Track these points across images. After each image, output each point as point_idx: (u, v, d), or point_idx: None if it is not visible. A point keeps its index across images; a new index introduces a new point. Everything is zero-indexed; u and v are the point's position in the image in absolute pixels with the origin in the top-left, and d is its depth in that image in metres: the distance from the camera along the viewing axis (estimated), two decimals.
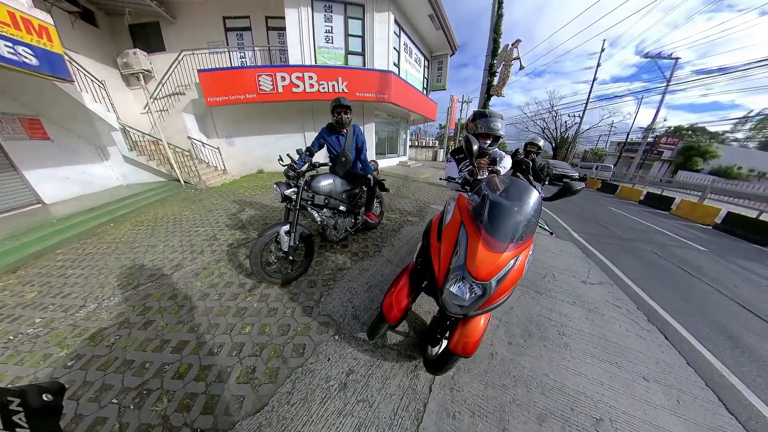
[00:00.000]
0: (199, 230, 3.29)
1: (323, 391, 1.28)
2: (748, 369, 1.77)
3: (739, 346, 2.03)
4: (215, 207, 4.30)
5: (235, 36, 7.12)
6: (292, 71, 5.97)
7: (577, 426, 1.24)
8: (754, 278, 3.39)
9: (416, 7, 7.46)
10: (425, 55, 10.46)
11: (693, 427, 1.31)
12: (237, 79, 5.84)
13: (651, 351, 1.82)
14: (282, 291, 2.03)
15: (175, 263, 2.44)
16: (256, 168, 7.72)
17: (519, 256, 0.97)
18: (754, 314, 2.49)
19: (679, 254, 3.98)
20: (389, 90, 6.88)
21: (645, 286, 2.79)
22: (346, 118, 2.36)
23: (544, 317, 2.02)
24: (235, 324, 1.68)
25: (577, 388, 1.44)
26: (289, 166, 2.14)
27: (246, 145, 7.44)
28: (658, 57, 13.42)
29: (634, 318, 2.19)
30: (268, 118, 7.21)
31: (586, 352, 1.72)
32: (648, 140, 15.78)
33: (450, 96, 17.38)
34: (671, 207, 7.48)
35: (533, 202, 1.04)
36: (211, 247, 2.80)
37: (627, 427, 1.27)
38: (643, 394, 1.46)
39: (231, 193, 5.30)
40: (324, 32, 6.45)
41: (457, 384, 1.38)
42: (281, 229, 1.92)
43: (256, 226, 3.42)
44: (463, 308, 0.98)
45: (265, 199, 4.78)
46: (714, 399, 1.50)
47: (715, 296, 2.78)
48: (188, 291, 2.01)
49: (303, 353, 1.48)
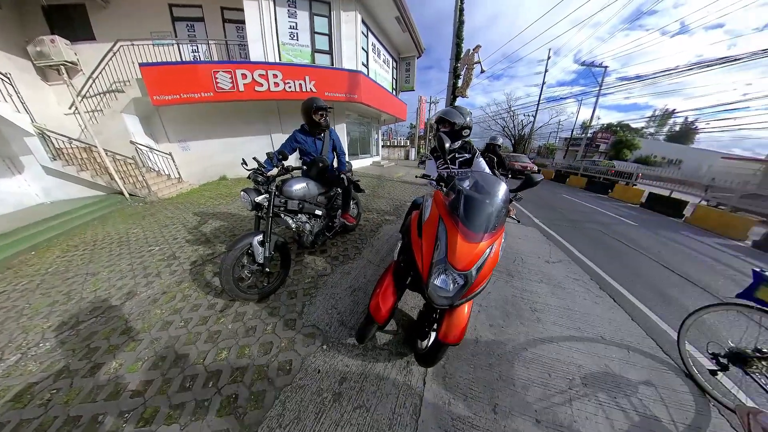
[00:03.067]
0: (153, 249, 2.88)
1: (317, 405, 1.23)
2: (673, 316, 2.20)
3: (666, 299, 2.50)
4: (171, 221, 3.82)
5: (185, 27, 6.37)
6: (254, 68, 5.55)
7: (555, 388, 1.41)
8: (671, 244, 4.27)
9: (383, 9, 7.50)
10: (393, 57, 10.59)
11: (641, 371, 1.59)
12: (190, 76, 5.23)
13: (604, 313, 2.14)
14: (259, 307, 1.88)
15: (126, 291, 2.10)
16: (217, 174, 7.04)
17: (494, 245, 1.05)
18: (673, 272, 3.12)
19: (617, 229, 4.76)
20: (359, 90, 6.81)
21: (594, 259, 3.28)
22: (326, 120, 2.27)
23: (517, 297, 2.22)
24: (207, 351, 1.51)
25: (552, 355, 1.63)
26: (255, 170, 1.98)
27: (204, 149, 6.72)
28: (591, 65, 15.45)
29: (589, 287, 2.53)
30: (229, 119, 6.62)
31: (555, 322, 1.94)
32: (587, 136, 18.17)
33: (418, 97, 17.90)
34: (609, 191, 8.86)
35: (502, 193, 1.13)
36: (169, 267, 2.48)
37: (593, 381, 1.48)
38: (603, 352, 1.71)
39: (190, 203, 4.76)
40: (288, 28, 6.12)
41: (448, 372, 1.44)
42: (254, 239, 1.77)
43: (224, 238, 3.12)
44: (448, 299, 1.02)
45: (231, 208, 4.39)
46: (653, 345, 1.83)
47: (645, 261, 3.40)
48: (146, 322, 1.74)
49: (290, 370, 1.40)
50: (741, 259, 3.92)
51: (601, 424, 1.24)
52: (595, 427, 1.23)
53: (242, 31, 6.01)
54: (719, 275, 3.19)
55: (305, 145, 2.34)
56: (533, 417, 1.25)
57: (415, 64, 11.27)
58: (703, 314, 1.51)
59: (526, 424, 1.21)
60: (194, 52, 6.31)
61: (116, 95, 5.27)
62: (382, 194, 5.72)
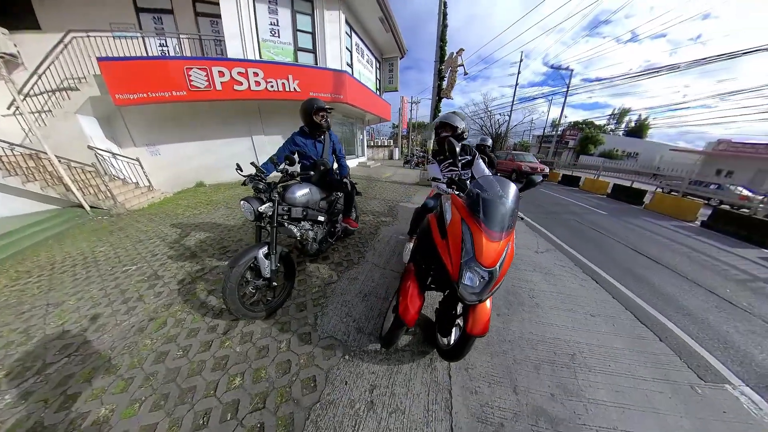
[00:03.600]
0: (130, 269, 2.55)
1: (351, 417, 1.19)
2: (643, 291, 2.59)
3: (637, 277, 2.90)
4: (146, 235, 3.42)
5: (150, 19, 5.77)
6: (233, 66, 5.18)
7: (562, 365, 1.58)
8: (636, 228, 4.85)
9: (366, 9, 7.44)
10: (376, 57, 10.54)
11: (626, 339, 1.88)
12: (159, 73, 4.74)
13: (590, 294, 2.43)
14: (267, 324, 1.74)
15: (102, 322, 1.81)
16: (193, 181, 6.47)
17: (510, 242, 1.14)
18: (639, 253, 3.60)
19: (590, 219, 5.28)
20: (344, 90, 6.68)
21: (575, 246, 3.63)
22: (327, 122, 2.17)
23: (516, 287, 2.40)
24: (218, 380, 1.35)
25: (553, 335, 1.82)
26: (254, 176, 1.83)
27: (178, 153, 6.14)
28: (558, 68, 16.62)
29: (574, 272, 2.82)
30: (205, 120, 6.12)
31: (552, 306, 2.16)
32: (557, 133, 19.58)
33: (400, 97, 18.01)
34: (579, 184, 9.75)
35: (513, 195, 1.22)
36: (153, 289, 2.19)
37: (590, 353, 1.70)
38: (593, 326, 1.97)
39: (165, 214, 4.31)
40: (269, 24, 5.80)
41: (469, 364, 1.52)
42: (258, 252, 1.63)
43: (212, 252, 2.85)
44: (477, 295, 1.09)
45: (214, 217, 4.05)
46: (631, 316, 2.15)
47: (617, 245, 3.86)
48: (135, 355, 1.51)
49: (315, 386, 1.32)
50: (692, 238, 4.58)
51: (602, 389, 1.44)
52: (599, 393, 1.42)
53: (217, 25, 5.60)
54: (676, 254, 3.73)
55: (305, 148, 2.23)
56: (548, 392, 1.39)
57: (398, 64, 11.32)
58: None
59: (543, 399, 1.35)
60: (162, 47, 5.75)
61: (69, 94, 4.60)
62: (373, 195, 5.68)
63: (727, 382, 1.60)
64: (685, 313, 2.28)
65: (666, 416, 1.32)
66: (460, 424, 1.21)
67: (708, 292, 2.69)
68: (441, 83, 8.16)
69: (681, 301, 2.46)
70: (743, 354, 1.84)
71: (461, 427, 1.19)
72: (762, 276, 3.22)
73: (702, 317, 2.23)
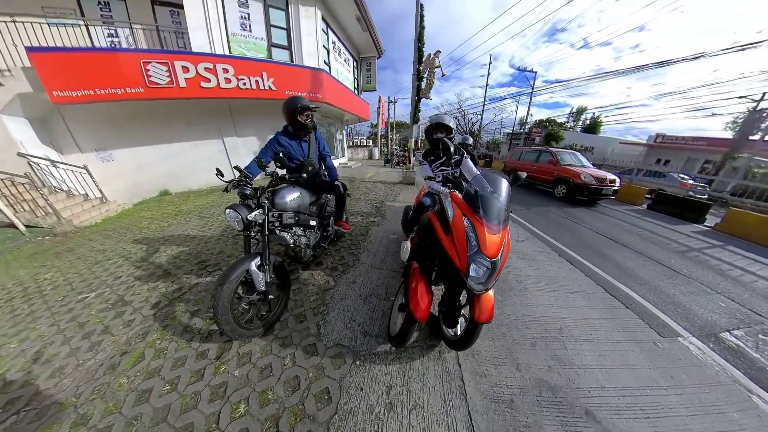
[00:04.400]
0: (88, 297, 2.17)
1: (373, 423, 1.18)
2: (609, 267, 2.99)
3: (603, 256, 3.32)
4: (104, 255, 2.96)
5: (95, 5, 5.02)
6: (199, 61, 4.71)
7: (553, 339, 1.78)
8: (597, 214, 5.50)
9: (343, 7, 7.27)
10: (354, 56, 10.36)
11: (600, 310, 2.17)
12: (109, 67, 4.13)
13: (566, 274, 2.74)
14: (266, 341, 1.62)
15: (58, 364, 1.51)
16: (156, 189, 5.79)
17: (506, 234, 1.24)
18: (601, 235, 4.12)
19: (561, 208, 5.82)
20: (323, 89, 6.46)
21: (550, 233, 4.01)
22: (312, 122, 2.06)
23: (505, 274, 2.59)
24: (218, 411, 1.21)
25: (542, 314, 2.03)
26: (239, 181, 1.70)
27: (136, 159, 5.43)
28: (524, 70, 17.81)
29: (552, 257, 3.14)
30: (168, 121, 5.50)
31: (537, 288, 2.40)
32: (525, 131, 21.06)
33: (378, 97, 18.01)
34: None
35: (506, 190, 1.32)
36: (121, 318, 1.89)
37: (574, 326, 1.92)
38: (573, 302, 2.23)
39: (125, 229, 3.79)
40: (239, 17, 5.37)
41: (475, 350, 1.61)
42: (250, 264, 1.50)
43: (189, 267, 2.56)
44: (483, 284, 1.17)
45: (187, 228, 3.65)
46: (601, 290, 2.47)
47: (585, 231, 4.33)
48: (109, 399, 1.28)
49: (330, 398, 1.28)
50: (642, 219, 5.42)
51: (588, 355, 1.67)
52: (586, 358, 1.64)
53: (179, 16, 5.04)
54: (630, 233, 4.37)
55: (290, 149, 2.10)
56: (545, 364, 1.56)
57: (375, 64, 11.26)
58: None
59: (542, 371, 1.51)
60: (112, 37, 5.03)
61: None
62: (358, 195, 5.62)
63: (678, 335, 1.95)
64: (643, 283, 2.70)
65: (638, 369, 1.59)
66: (476, 407, 1.28)
67: (657, 263, 3.23)
68: (420, 84, 8.27)
69: (639, 273, 2.90)
70: (688, 311, 2.27)
71: (478, 410, 1.26)
72: (695, 246, 3.96)
73: (655, 285, 2.68)
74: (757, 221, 4.41)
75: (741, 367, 1.69)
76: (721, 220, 4.89)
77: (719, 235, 4.65)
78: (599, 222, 4.88)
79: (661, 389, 1.46)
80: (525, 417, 1.24)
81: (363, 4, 7.24)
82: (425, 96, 8.67)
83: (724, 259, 3.56)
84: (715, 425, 1.29)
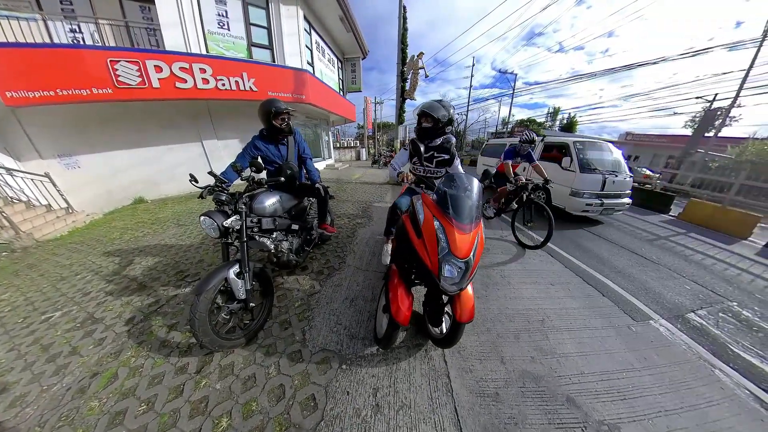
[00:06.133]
0: (53, 317, 2.00)
1: (360, 426, 1.18)
2: (585, 258, 3.12)
3: (579, 247, 3.47)
4: (70, 271, 2.73)
5: None
6: (174, 60, 4.48)
7: (535, 330, 1.83)
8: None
9: (326, 7, 7.18)
10: (338, 57, 10.28)
11: (579, 299, 2.25)
12: (71, 65, 3.83)
13: (547, 266, 2.82)
14: (249, 351, 1.56)
15: (19, 392, 1.38)
16: (130, 197, 5.43)
17: (479, 232, 1.24)
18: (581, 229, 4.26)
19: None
20: (306, 90, 6.35)
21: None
22: (288, 126, 2.02)
23: (490, 270, 2.66)
24: (199, 428, 1.15)
25: (525, 306, 2.08)
26: (214, 186, 1.64)
27: (106, 165, 5.07)
28: (505, 72, 18.44)
29: (533, 250, 3.21)
30: (141, 124, 5.19)
31: (520, 281, 2.46)
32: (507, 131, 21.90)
33: (364, 98, 17.96)
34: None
35: (477, 188, 1.33)
36: (91, 336, 1.76)
37: (555, 317, 1.98)
38: (554, 293, 2.30)
39: (95, 241, 3.52)
40: (216, 15, 5.16)
41: (461, 346, 1.64)
42: (228, 272, 1.44)
43: (166, 279, 2.42)
44: (457, 285, 1.17)
45: (164, 238, 3.46)
46: (579, 280, 2.57)
47: (563, 224, 4.33)
48: (79, 425, 1.19)
49: (316, 405, 1.26)
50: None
51: (568, 343, 1.73)
52: (566, 347, 1.70)
53: (150, 12, 4.76)
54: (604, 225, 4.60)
55: (267, 153, 2.06)
56: (528, 356, 1.61)
57: (360, 65, 11.22)
58: None
59: (526, 362, 1.56)
60: (74, 33, 4.65)
61: None
62: (345, 197, 5.57)
63: (650, 318, 2.06)
64: (617, 271, 2.85)
65: (615, 353, 1.68)
66: (462, 402, 1.29)
67: (630, 252, 3.42)
68: (404, 85, 8.34)
69: (613, 262, 3.06)
70: (657, 295, 2.41)
71: (463, 406, 1.28)
72: (663, 235, 4.28)
73: (628, 272, 2.83)
74: (713, 210, 4.85)
75: (704, 344, 1.83)
76: (683, 210, 5.30)
77: (682, 223, 5.04)
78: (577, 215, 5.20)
79: (636, 371, 1.55)
80: (510, 409, 1.28)
81: (346, 5, 7.20)
82: (410, 97, 8.77)
83: (687, 245, 3.86)
84: (685, 400, 1.39)
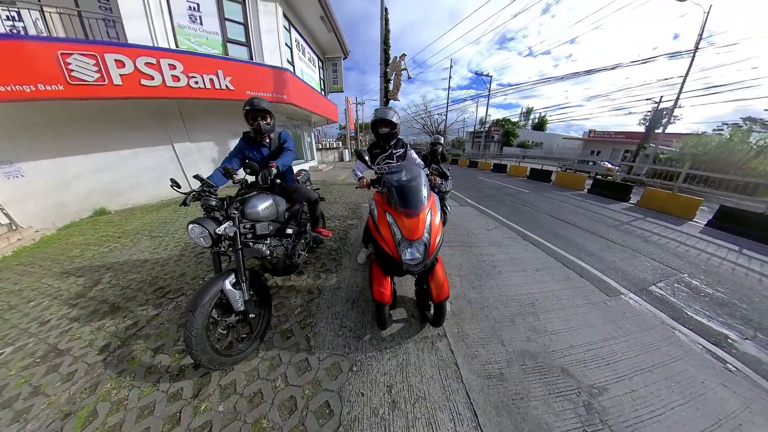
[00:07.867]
0: (2, 353, 1.69)
1: (380, 425, 1.18)
2: (564, 244, 3.42)
3: (557, 235, 3.77)
4: (20, 297, 2.33)
5: None
6: (138, 54, 4.07)
7: (528, 313, 1.99)
8: (549, 200, 6.35)
9: (306, 6, 7.03)
10: (319, 56, 10.03)
11: (562, 281, 2.49)
12: (9, 58, 3.33)
13: (531, 255, 3.08)
14: (250, 366, 1.47)
15: None
16: (89, 207, 4.83)
17: (430, 209, 1.36)
18: (554, 218, 4.73)
19: (520, 197, 6.49)
20: (287, 90, 6.13)
21: (514, 220, 4.47)
22: (265, 125, 1.90)
23: (481, 261, 2.85)
24: None
25: (516, 292, 2.27)
26: (201, 191, 1.53)
27: (58, 172, 4.44)
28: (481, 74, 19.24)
29: (517, 241, 3.52)
30: (101, 125, 4.65)
31: (510, 270, 2.66)
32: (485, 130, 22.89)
33: (345, 98, 17.70)
34: (507, 170, 11.93)
35: (421, 174, 1.46)
36: (56, 372, 1.51)
37: (543, 299, 2.18)
38: (541, 279, 2.52)
39: (49, 261, 3.07)
40: (187, 9, 4.79)
41: (464, 334, 1.75)
42: (224, 283, 1.35)
43: (144, 297, 2.18)
44: (421, 263, 1.29)
45: (135, 252, 3.12)
46: (560, 265, 2.83)
47: (541, 215, 4.90)
48: None
49: (331, 411, 1.24)
50: (584, 201, 6.37)
51: (557, 322, 1.90)
52: (556, 325, 1.87)
53: (108, 2, 4.26)
54: (577, 214, 5.07)
55: (250, 155, 1.97)
56: (524, 336, 1.75)
57: (341, 65, 11.04)
58: None
59: (523, 342, 1.69)
60: (12, 21, 4.03)
61: None
62: (333, 199, 5.52)
63: (621, 293, 2.33)
64: (590, 254, 3.17)
65: (596, 326, 1.88)
66: (472, 386, 1.37)
67: (600, 237, 3.79)
68: (387, 86, 8.36)
69: (587, 247, 3.39)
70: (624, 273, 2.73)
71: (474, 389, 1.35)
72: (625, 220, 4.85)
73: (600, 255, 3.16)
74: (665, 196, 5.56)
75: (665, 311, 2.12)
76: (641, 198, 5.98)
77: (641, 209, 5.69)
78: (551, 206, 5.61)
79: (614, 339, 1.76)
80: (515, 386, 1.38)
81: (327, 4, 7.05)
82: (393, 97, 8.82)
83: (645, 228, 4.35)
84: (655, 359, 1.62)
